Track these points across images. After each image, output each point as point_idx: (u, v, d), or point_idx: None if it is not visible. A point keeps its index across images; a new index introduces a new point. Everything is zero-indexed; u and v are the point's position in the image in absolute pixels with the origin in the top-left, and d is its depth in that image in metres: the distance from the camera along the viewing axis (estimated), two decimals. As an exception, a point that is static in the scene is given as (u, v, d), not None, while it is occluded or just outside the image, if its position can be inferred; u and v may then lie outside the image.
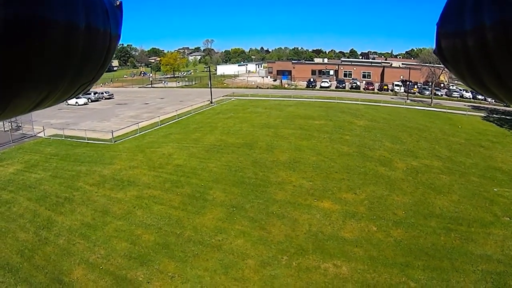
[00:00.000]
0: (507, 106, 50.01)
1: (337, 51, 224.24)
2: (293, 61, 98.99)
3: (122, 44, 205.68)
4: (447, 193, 22.23)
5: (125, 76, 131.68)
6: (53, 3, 0.67)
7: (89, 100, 63.40)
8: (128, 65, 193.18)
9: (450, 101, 64.96)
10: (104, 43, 0.87)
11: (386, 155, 28.19)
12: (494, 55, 0.69)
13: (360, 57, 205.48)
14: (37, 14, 0.63)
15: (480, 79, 0.80)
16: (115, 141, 32.90)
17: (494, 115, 52.06)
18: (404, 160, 27.46)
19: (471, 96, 69.04)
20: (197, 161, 25.81)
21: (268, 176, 23.51)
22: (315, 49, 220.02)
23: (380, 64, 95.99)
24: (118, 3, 0.95)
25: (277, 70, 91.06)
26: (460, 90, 73.93)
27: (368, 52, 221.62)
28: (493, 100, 64.44)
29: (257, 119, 39.02)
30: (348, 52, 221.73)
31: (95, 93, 66.61)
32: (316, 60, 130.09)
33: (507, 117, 50.44)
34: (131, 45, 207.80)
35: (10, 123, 43.38)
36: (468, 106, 60.15)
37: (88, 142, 33.35)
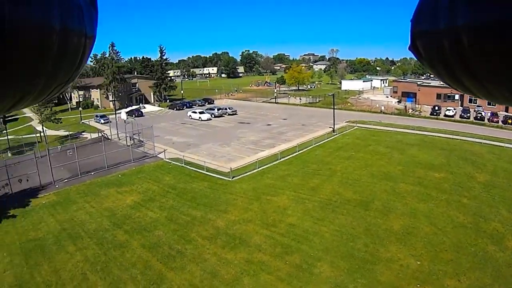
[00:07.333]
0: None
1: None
2: (418, 83, 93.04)
3: (248, 51, 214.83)
4: None
5: (250, 85, 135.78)
6: (27, 4, 0.68)
7: (213, 116, 64.84)
8: (254, 72, 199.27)
9: None
10: (80, 43, 0.86)
11: (500, 228, 23.95)
12: (468, 55, 0.72)
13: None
14: (10, 14, 0.63)
15: (456, 76, 0.82)
16: (233, 177, 33.54)
17: None
18: (517, 237, 23.35)
19: None
20: (311, 221, 24.91)
21: (378, 250, 21.66)
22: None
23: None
24: None
25: (402, 92, 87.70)
26: None
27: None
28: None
29: (377, 164, 36.68)
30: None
31: (218, 109, 68.02)
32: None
33: None
34: (257, 51, 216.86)
35: (132, 139, 46.36)
36: None
37: (206, 175, 34.48)
